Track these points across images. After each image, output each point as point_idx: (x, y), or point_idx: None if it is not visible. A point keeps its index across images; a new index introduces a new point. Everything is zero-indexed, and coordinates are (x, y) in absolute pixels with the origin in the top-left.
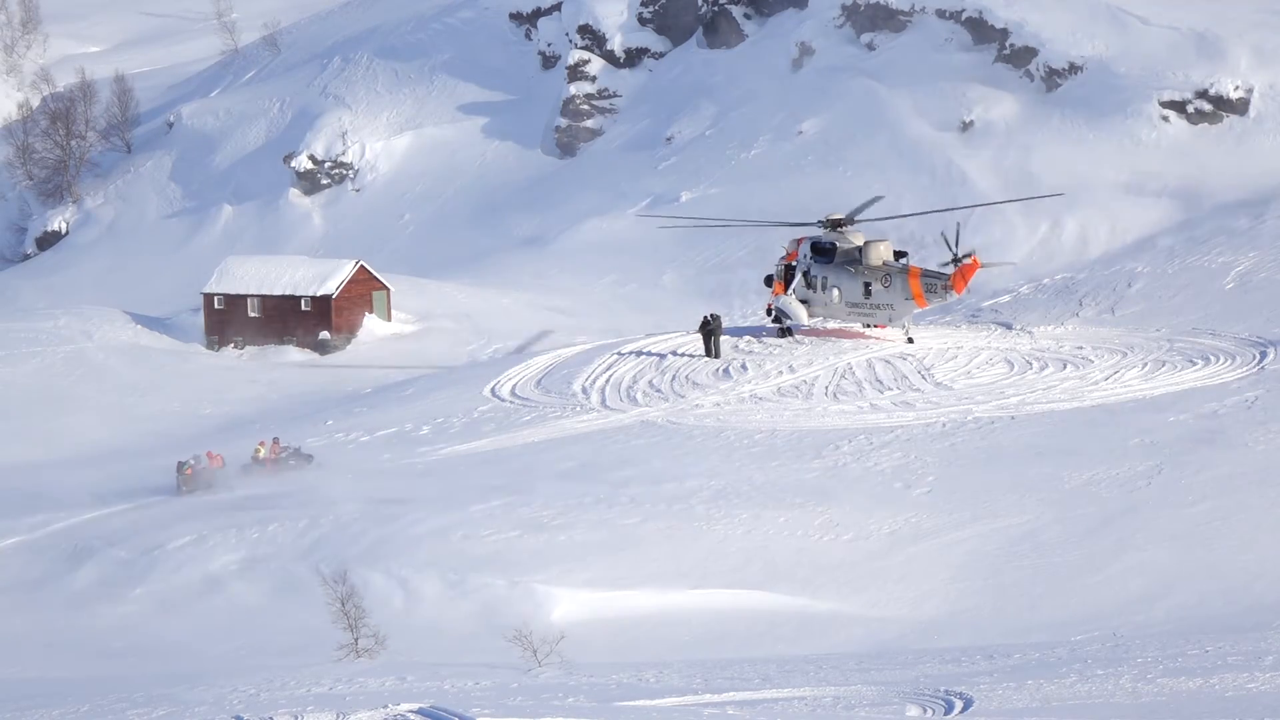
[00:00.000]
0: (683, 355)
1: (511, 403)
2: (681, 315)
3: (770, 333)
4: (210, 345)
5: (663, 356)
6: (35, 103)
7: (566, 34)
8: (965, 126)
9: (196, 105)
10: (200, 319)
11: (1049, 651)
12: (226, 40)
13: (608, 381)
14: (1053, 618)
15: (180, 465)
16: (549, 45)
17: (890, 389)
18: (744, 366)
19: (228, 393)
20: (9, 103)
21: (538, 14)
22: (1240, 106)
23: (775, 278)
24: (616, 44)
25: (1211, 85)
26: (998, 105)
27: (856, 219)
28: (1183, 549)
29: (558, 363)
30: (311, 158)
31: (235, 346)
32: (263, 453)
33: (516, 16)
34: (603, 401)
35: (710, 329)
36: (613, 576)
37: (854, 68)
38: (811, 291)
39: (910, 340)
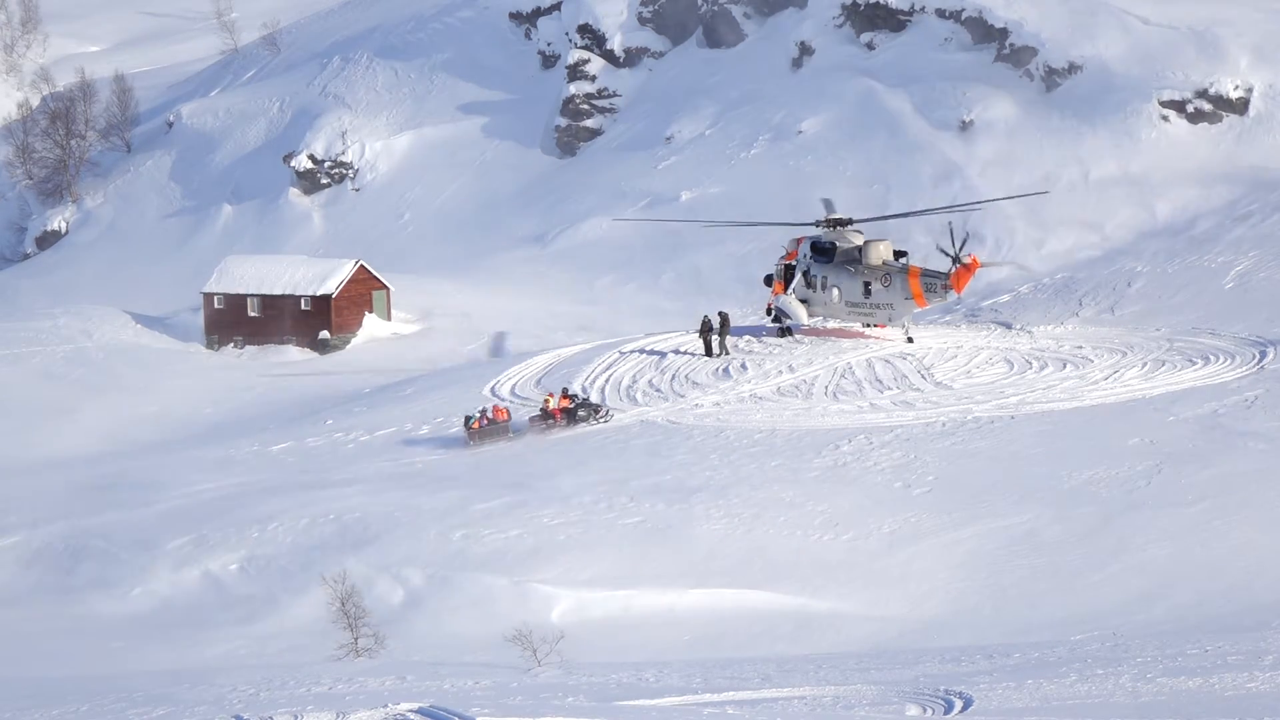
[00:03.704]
0: (683, 355)
1: (511, 402)
2: (681, 315)
3: (770, 332)
4: (210, 345)
5: (663, 356)
6: (35, 102)
7: (566, 34)
8: (965, 126)
9: (196, 105)
10: (200, 319)
11: (1049, 651)
12: (226, 40)
13: (608, 381)
14: (1053, 617)
15: (467, 420)
16: (549, 45)
17: (890, 389)
18: (744, 366)
19: (228, 392)
20: (9, 102)
21: (537, 14)
22: (1240, 106)
23: (775, 277)
24: (616, 44)
25: (1211, 85)
26: (997, 105)
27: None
28: (1183, 549)
29: (557, 362)
30: (311, 157)
31: (235, 346)
32: (552, 403)
33: (516, 16)
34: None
35: (711, 329)
36: (613, 576)
37: (854, 67)
38: (811, 291)
39: (910, 340)
